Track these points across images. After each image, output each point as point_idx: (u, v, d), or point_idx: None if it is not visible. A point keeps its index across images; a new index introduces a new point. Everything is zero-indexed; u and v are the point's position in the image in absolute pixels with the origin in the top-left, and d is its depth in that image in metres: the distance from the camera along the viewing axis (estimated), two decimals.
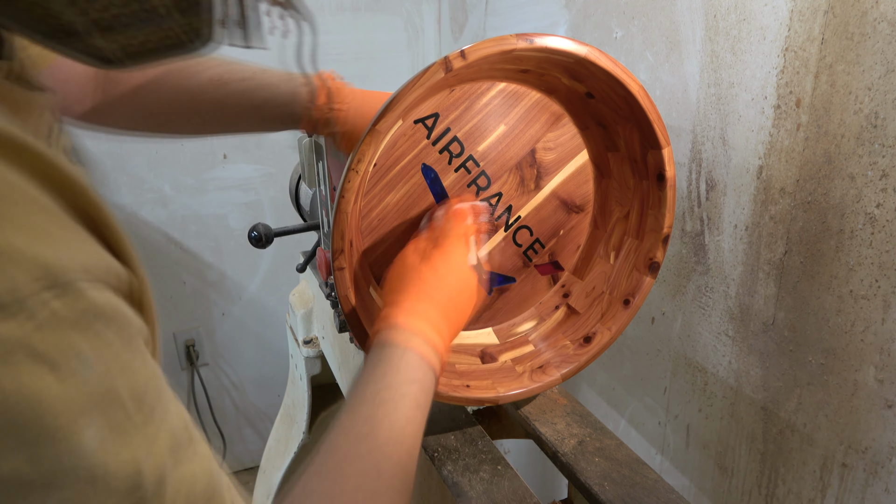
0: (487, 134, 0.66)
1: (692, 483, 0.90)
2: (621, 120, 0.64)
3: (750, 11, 0.69)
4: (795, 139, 0.66)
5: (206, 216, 1.66)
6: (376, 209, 0.65)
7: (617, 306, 0.69)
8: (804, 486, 0.71)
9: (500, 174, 0.67)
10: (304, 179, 0.86)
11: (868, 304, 0.60)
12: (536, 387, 0.67)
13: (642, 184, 0.66)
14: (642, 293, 0.67)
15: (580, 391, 1.16)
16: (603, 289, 0.71)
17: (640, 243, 0.68)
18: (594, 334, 0.69)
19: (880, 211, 0.58)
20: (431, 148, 0.65)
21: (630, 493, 0.62)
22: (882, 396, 0.61)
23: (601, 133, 0.67)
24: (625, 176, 0.68)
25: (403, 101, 0.52)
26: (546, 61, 0.59)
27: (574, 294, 0.73)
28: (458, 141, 0.65)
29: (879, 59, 0.56)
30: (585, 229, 0.72)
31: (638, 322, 0.96)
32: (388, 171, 0.65)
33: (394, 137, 0.64)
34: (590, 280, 0.72)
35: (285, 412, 1.28)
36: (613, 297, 0.69)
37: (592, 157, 0.69)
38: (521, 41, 0.53)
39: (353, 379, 0.48)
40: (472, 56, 0.52)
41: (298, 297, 1.11)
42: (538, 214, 0.70)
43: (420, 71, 0.52)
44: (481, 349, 0.72)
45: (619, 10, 0.91)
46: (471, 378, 0.68)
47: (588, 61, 0.56)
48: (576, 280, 0.73)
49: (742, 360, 0.77)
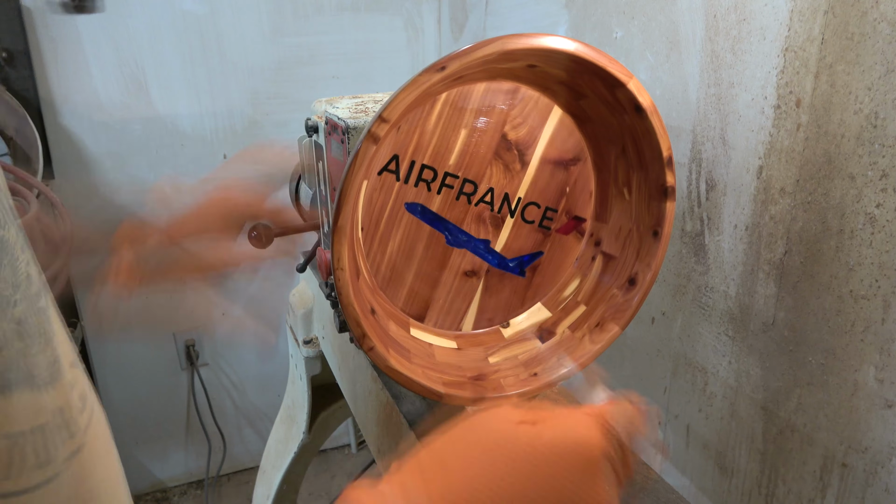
0: (452, 145, 0.66)
1: (692, 483, 0.90)
2: (576, 74, 0.62)
3: (750, 11, 0.69)
4: (795, 139, 0.66)
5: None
6: (383, 263, 0.66)
7: (648, 240, 0.67)
8: (804, 486, 0.71)
9: (482, 172, 0.67)
10: (304, 179, 0.86)
11: (868, 304, 0.60)
12: (599, 347, 0.67)
13: (624, 118, 0.65)
14: (668, 221, 0.65)
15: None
16: (630, 226, 0.69)
17: (647, 174, 0.66)
18: (636, 274, 0.68)
19: (880, 211, 0.58)
20: (406, 186, 0.65)
21: (630, 493, 0.62)
22: (882, 396, 0.61)
23: (563, 88, 0.66)
24: (604, 116, 0.66)
25: (351, 189, 0.52)
26: (471, 68, 0.58)
27: (605, 239, 0.72)
28: (427, 167, 0.65)
29: (879, 59, 0.56)
30: (591, 175, 0.71)
31: (638, 322, 0.96)
32: (377, 226, 0.65)
33: (368, 194, 0.64)
34: (614, 221, 0.71)
35: (285, 412, 1.28)
36: (642, 232, 0.68)
37: (566, 109, 0.68)
38: (434, 75, 0.52)
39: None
40: (394, 115, 0.51)
41: (298, 297, 1.11)
42: (537, 186, 0.69)
43: (351, 156, 0.52)
44: (538, 327, 0.72)
45: (619, 10, 0.91)
46: (535, 364, 0.68)
47: (511, 51, 0.54)
48: (601, 225, 0.72)
49: (742, 360, 0.77)
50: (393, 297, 0.68)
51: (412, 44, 1.67)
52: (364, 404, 0.83)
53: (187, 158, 1.59)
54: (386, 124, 0.52)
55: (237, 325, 0.43)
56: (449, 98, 0.65)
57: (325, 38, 1.60)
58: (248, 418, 1.89)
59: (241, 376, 1.85)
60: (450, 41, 1.60)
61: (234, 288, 1.17)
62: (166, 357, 1.74)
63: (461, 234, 0.69)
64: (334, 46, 1.60)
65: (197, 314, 1.76)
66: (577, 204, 0.71)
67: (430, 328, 0.71)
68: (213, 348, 1.78)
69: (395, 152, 0.64)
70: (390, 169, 0.65)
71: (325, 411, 1.16)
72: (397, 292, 0.68)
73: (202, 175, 1.72)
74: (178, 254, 0.65)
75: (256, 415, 1.90)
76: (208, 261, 0.64)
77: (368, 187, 0.65)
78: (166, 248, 0.64)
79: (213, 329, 1.76)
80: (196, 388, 1.78)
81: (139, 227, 0.65)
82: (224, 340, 1.79)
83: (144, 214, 0.66)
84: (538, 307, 0.74)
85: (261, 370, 1.85)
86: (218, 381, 1.82)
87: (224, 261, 0.64)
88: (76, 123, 1.48)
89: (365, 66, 1.65)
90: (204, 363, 1.78)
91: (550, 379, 0.66)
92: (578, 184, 0.71)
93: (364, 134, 0.51)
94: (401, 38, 1.65)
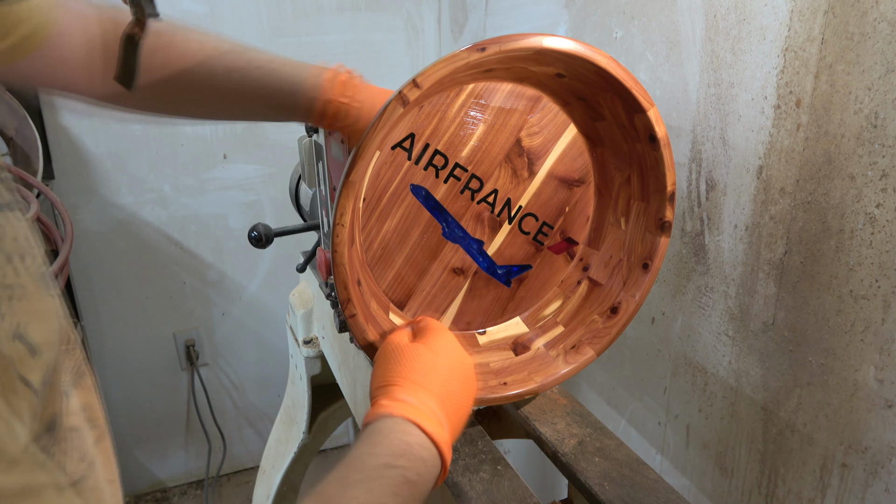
0: (468, 138, 0.66)
1: (692, 483, 0.90)
2: (599, 91, 0.63)
3: (750, 11, 0.69)
4: (795, 139, 0.66)
5: (206, 216, 1.66)
6: (376, 240, 0.66)
7: (637, 272, 0.68)
8: (804, 486, 0.71)
9: (490, 172, 0.67)
10: (304, 179, 0.86)
11: (868, 304, 0.60)
12: (572, 368, 0.67)
13: (636, 147, 0.65)
14: (659, 255, 0.66)
15: (580, 391, 1.16)
16: (620, 256, 0.70)
17: (647, 205, 0.67)
18: (619, 304, 0.68)
19: (880, 211, 0.58)
20: (415, 167, 0.65)
21: (630, 493, 0.62)
22: (882, 396, 0.61)
23: (583, 106, 0.67)
24: (617, 142, 0.67)
25: (371, 146, 0.52)
26: (506, 59, 0.58)
27: (593, 266, 0.72)
28: (440, 153, 0.66)
29: (879, 59, 0.56)
30: (591, 200, 0.72)
31: (638, 322, 0.96)
32: (378, 201, 0.65)
33: (376, 167, 0.64)
34: (606, 249, 0.71)
35: (285, 412, 1.28)
36: (632, 263, 0.69)
37: (581, 129, 0.69)
38: (474, 53, 0.52)
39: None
40: (427, 83, 0.51)
41: (298, 297, 1.11)
42: (539, 199, 0.70)
43: (378, 112, 0.52)
44: (513, 340, 0.72)
45: (619, 10, 0.91)
46: (506, 374, 0.68)
47: (547, 50, 0.55)
48: (592, 252, 0.73)
49: (742, 360, 0.77)
50: (379, 277, 0.68)
51: (412, 44, 1.67)
52: (364, 404, 0.83)
53: (187, 158, 1.59)
54: (417, 90, 0.52)
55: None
56: (475, 90, 0.65)
57: (325, 37, 1.60)
58: (248, 418, 1.89)
59: (241, 376, 1.85)
60: (450, 41, 1.60)
61: (235, 288, 1.16)
62: (166, 357, 1.74)
63: (458, 228, 0.69)
64: (334, 46, 1.60)
65: (197, 314, 1.76)
66: (573, 226, 0.72)
67: (408, 318, 0.70)
68: (213, 348, 1.78)
69: (413, 131, 0.64)
70: (404, 146, 0.64)
71: (325, 411, 1.16)
72: (384, 273, 0.68)
73: (202, 175, 1.71)
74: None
75: (256, 415, 1.90)
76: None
77: (379, 160, 0.64)
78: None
79: (213, 329, 1.76)
80: (196, 388, 1.78)
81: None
82: (224, 340, 1.79)
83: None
84: (517, 321, 0.74)
85: (261, 370, 1.86)
86: (218, 381, 1.82)
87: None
88: (76, 123, 1.48)
89: (365, 66, 1.64)
90: (204, 363, 1.78)
91: (520, 391, 0.66)
92: (578, 206, 0.71)
93: (394, 95, 0.51)
94: (401, 38, 1.65)
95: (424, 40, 1.67)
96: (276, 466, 1.25)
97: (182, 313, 1.72)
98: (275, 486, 1.23)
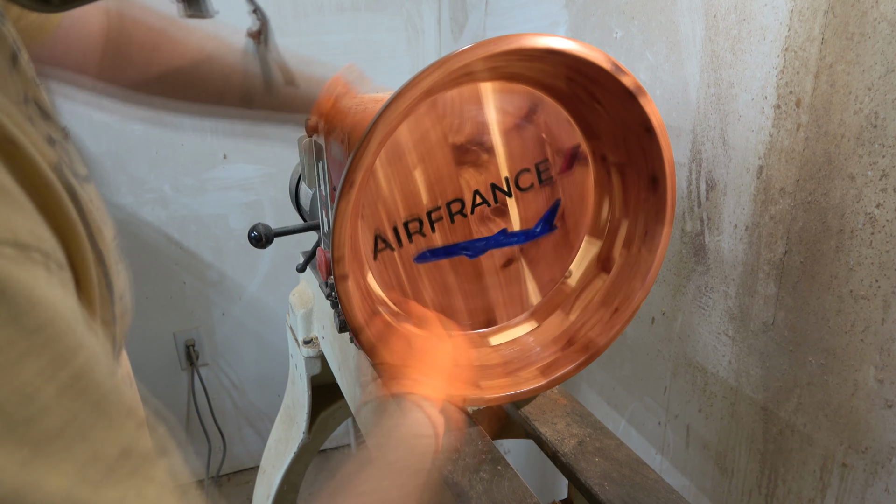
0: (415, 189, 0.66)
1: (692, 483, 0.90)
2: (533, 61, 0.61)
3: (750, 11, 0.69)
4: (795, 139, 0.66)
5: (206, 216, 1.66)
6: (429, 310, 0.68)
7: (644, 137, 0.64)
8: (804, 486, 0.71)
9: (457, 186, 0.67)
10: (304, 179, 0.85)
11: (868, 304, 0.60)
12: (658, 253, 0.67)
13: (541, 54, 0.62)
14: (652, 114, 0.61)
15: (580, 391, 1.16)
16: (621, 129, 0.66)
17: (602, 85, 0.63)
18: (653, 171, 0.65)
19: (880, 211, 0.58)
20: (404, 248, 0.67)
21: (630, 493, 0.62)
22: (882, 396, 0.61)
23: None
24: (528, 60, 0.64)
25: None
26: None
27: (607, 151, 0.69)
28: (409, 222, 0.67)
29: (879, 59, 0.56)
30: (557, 107, 0.68)
31: (638, 322, 0.96)
32: (404, 293, 0.69)
33: (378, 279, 0.67)
34: (605, 132, 0.68)
35: (285, 412, 1.28)
36: (636, 130, 0.64)
37: (493, 78, 0.65)
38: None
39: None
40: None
41: (298, 297, 1.11)
42: (513, 156, 0.67)
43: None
44: (597, 259, 0.73)
45: (619, 10, 0.91)
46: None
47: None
48: (596, 142, 0.69)
49: (742, 360, 0.77)
50: (462, 324, 0.72)
51: (412, 44, 1.67)
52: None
53: (187, 158, 1.59)
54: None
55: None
56: (385, 156, 0.64)
57: (325, 37, 1.60)
58: (248, 418, 1.90)
59: (241, 376, 1.85)
60: (450, 41, 1.60)
61: (235, 288, 1.16)
62: (166, 357, 1.74)
63: (476, 243, 0.69)
64: (334, 46, 1.60)
65: (197, 314, 1.76)
66: (562, 139, 0.69)
67: (505, 325, 0.74)
68: (213, 348, 1.78)
69: (374, 233, 0.65)
70: (380, 248, 0.66)
71: (325, 411, 1.16)
72: (459, 319, 0.71)
73: (202, 175, 1.71)
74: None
75: (256, 415, 1.90)
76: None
77: (374, 275, 0.67)
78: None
79: (213, 329, 1.76)
80: (196, 388, 1.78)
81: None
82: (224, 340, 1.79)
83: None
84: (587, 241, 0.74)
85: (261, 370, 1.86)
86: (218, 381, 1.82)
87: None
88: (76, 123, 1.48)
89: (365, 65, 1.64)
90: (204, 363, 1.78)
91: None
92: (550, 124, 0.68)
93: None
94: (401, 38, 1.65)
95: (424, 40, 1.67)
96: (276, 466, 1.25)
97: (182, 313, 1.72)
98: (275, 486, 1.23)
